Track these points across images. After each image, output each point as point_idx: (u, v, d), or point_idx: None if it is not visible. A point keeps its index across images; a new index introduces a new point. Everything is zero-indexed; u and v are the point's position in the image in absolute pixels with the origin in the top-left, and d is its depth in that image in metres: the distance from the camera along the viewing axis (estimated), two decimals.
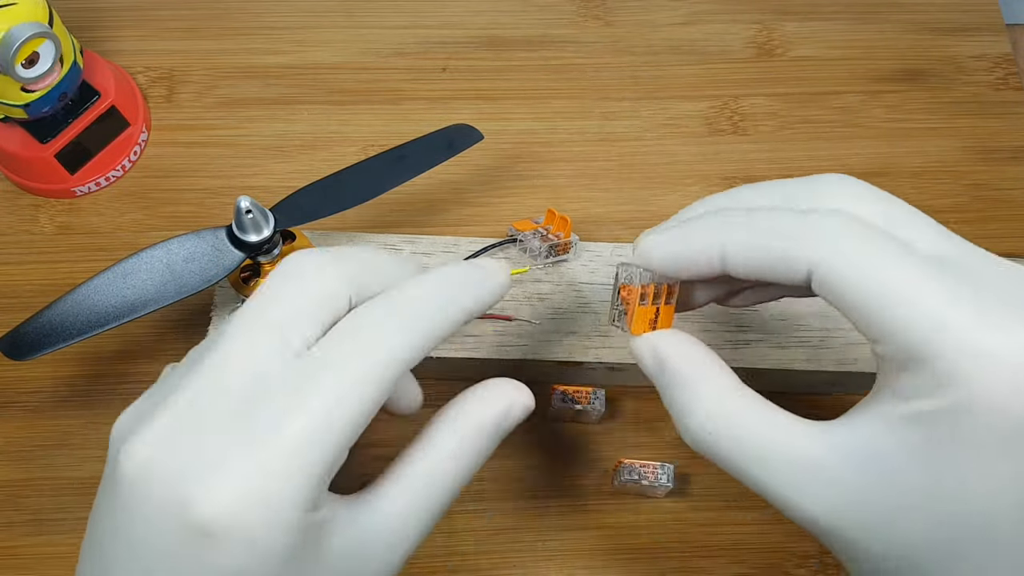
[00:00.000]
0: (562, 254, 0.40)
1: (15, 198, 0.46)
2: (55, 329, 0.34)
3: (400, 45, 0.50)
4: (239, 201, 0.34)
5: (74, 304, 0.34)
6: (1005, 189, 0.48)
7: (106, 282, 0.34)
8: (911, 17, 0.52)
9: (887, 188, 0.46)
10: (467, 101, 0.49)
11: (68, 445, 0.40)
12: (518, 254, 0.41)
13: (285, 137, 0.48)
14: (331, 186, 0.38)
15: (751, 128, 0.49)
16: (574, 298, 0.39)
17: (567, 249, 0.40)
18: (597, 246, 0.41)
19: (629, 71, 0.50)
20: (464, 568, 0.39)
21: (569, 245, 0.40)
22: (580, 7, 0.52)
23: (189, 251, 0.35)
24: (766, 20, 0.52)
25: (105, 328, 0.34)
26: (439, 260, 0.41)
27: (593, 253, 0.41)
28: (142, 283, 0.34)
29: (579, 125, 0.49)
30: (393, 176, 0.39)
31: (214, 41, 0.50)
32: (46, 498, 0.39)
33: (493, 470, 0.40)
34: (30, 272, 0.44)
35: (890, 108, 0.50)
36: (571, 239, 0.40)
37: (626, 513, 0.40)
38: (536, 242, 0.40)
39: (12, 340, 0.34)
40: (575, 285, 0.40)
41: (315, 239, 0.41)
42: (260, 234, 0.35)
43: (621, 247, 0.41)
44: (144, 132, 0.47)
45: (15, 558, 0.38)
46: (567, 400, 0.39)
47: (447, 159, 0.40)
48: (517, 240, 0.41)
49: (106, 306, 0.34)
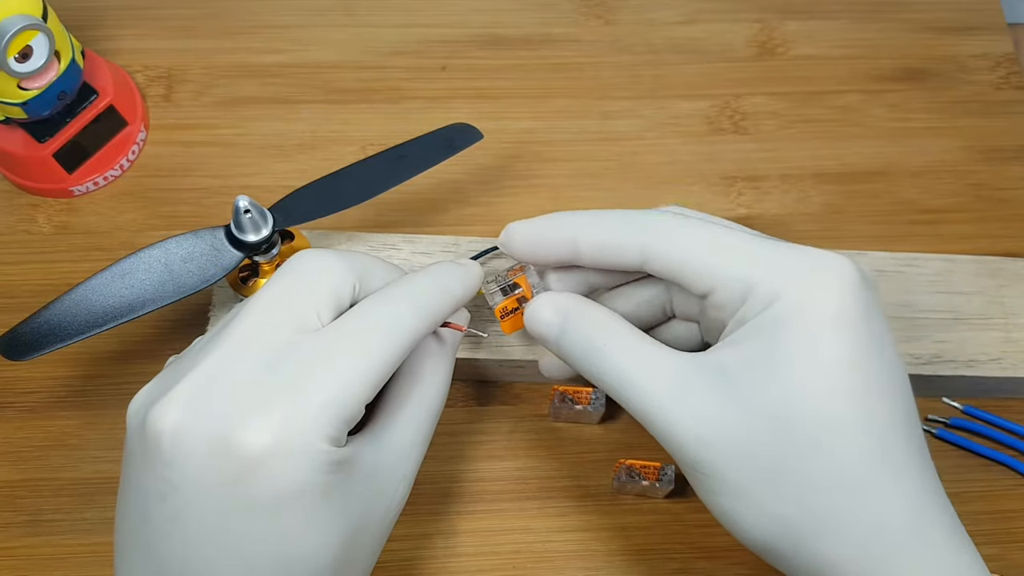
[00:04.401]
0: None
1: (13, 198, 0.46)
2: (53, 329, 0.34)
3: (399, 44, 0.50)
4: (237, 201, 0.34)
5: (72, 304, 0.34)
6: (1007, 189, 0.47)
7: (104, 282, 0.34)
8: (913, 16, 0.52)
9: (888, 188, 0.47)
10: (466, 100, 0.49)
11: (66, 446, 0.40)
12: None
13: (284, 136, 0.47)
14: (330, 185, 0.37)
15: (752, 127, 0.49)
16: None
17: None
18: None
19: (629, 70, 0.50)
20: (464, 569, 0.38)
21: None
22: (580, 6, 0.52)
23: (187, 251, 0.34)
24: (767, 19, 0.52)
25: (103, 328, 0.34)
26: (439, 260, 0.41)
27: None
28: (140, 283, 0.34)
29: (579, 124, 0.48)
30: (392, 176, 0.39)
31: (213, 40, 0.50)
32: (44, 499, 0.39)
33: (493, 471, 0.40)
34: (28, 272, 0.44)
35: (891, 107, 0.49)
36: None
37: (626, 514, 0.39)
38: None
39: (10, 340, 0.34)
40: None
41: (314, 239, 0.41)
42: (259, 234, 0.35)
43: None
44: (142, 131, 0.47)
45: (12, 559, 0.38)
46: (567, 400, 0.38)
47: (447, 158, 0.39)
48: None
49: (104, 306, 0.34)
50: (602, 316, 0.32)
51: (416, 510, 0.39)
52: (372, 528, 0.29)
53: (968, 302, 0.41)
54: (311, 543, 0.27)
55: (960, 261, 0.42)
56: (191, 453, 0.26)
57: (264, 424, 0.26)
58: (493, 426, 0.41)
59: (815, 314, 0.28)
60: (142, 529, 0.27)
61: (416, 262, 0.41)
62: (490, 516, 0.39)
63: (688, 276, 0.30)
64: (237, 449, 0.26)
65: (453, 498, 0.40)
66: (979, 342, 0.40)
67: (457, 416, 0.41)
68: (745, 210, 0.46)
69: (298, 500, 0.26)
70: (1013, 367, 0.40)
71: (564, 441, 0.41)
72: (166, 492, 0.26)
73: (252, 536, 0.26)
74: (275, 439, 0.26)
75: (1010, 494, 0.41)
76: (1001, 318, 0.41)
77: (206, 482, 0.26)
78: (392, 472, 0.30)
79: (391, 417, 0.31)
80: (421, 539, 0.39)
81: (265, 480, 0.26)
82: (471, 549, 0.39)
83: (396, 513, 0.31)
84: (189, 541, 0.26)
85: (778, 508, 0.28)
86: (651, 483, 0.38)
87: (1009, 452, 0.41)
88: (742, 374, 0.28)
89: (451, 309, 0.31)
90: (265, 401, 0.26)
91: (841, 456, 0.27)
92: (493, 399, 0.42)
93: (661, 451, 0.41)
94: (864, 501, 0.27)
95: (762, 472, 0.28)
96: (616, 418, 0.41)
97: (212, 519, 0.26)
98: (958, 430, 0.41)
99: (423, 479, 0.40)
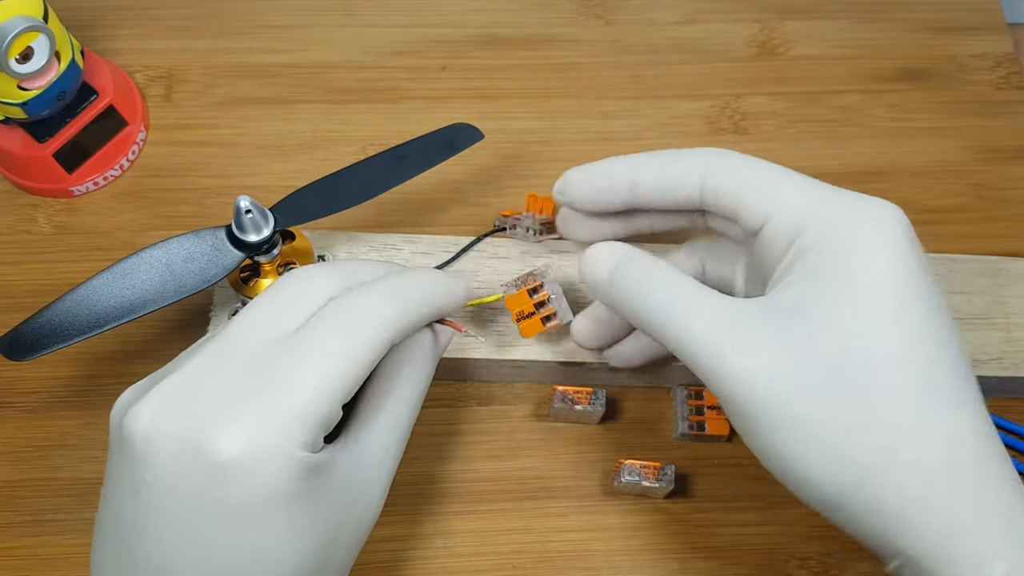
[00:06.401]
0: (553, 232, 0.40)
1: (13, 197, 0.46)
2: (54, 330, 0.34)
3: (399, 44, 0.50)
4: (239, 201, 0.34)
5: (73, 304, 0.34)
6: (1007, 189, 0.47)
7: (105, 282, 0.34)
8: (913, 16, 0.52)
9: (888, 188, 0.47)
10: (466, 100, 0.49)
11: (66, 446, 0.40)
12: (516, 252, 0.41)
13: (284, 136, 0.47)
14: (331, 185, 0.37)
15: (752, 127, 0.49)
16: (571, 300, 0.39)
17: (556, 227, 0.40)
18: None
19: (629, 70, 0.50)
20: (464, 569, 0.39)
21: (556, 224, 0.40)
22: (580, 5, 0.52)
23: (188, 251, 0.34)
24: (767, 19, 0.52)
25: (105, 328, 0.34)
26: (438, 260, 0.41)
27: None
28: (141, 283, 0.34)
29: (579, 124, 0.48)
30: (393, 175, 0.39)
31: (213, 40, 0.50)
32: (44, 499, 0.39)
33: (493, 471, 0.40)
34: (28, 272, 0.44)
35: (892, 107, 0.49)
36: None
37: (626, 514, 0.39)
38: (526, 222, 0.40)
39: (11, 341, 0.34)
40: (576, 287, 0.40)
41: (315, 239, 0.41)
42: (260, 234, 0.35)
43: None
44: (142, 131, 0.47)
45: (13, 559, 0.38)
46: (567, 400, 0.38)
47: (448, 158, 0.39)
48: (507, 227, 0.41)
49: (105, 306, 0.34)
50: (657, 260, 0.31)
51: (416, 510, 0.39)
52: (346, 536, 0.29)
53: (969, 302, 0.41)
54: (282, 550, 0.27)
55: (961, 261, 0.42)
56: (162, 454, 0.26)
57: (236, 430, 0.26)
58: (493, 426, 0.41)
59: (874, 255, 0.28)
60: (116, 524, 0.27)
61: (416, 262, 0.41)
62: (490, 516, 0.39)
63: (745, 204, 0.30)
64: (208, 454, 0.26)
65: (453, 498, 0.40)
66: (980, 342, 0.40)
67: (457, 416, 0.41)
68: None
69: (270, 506, 0.26)
70: (1014, 367, 0.40)
71: (564, 441, 0.41)
72: (139, 489, 0.27)
73: (221, 540, 0.26)
74: (246, 445, 0.26)
75: None
76: (1002, 318, 0.41)
77: (177, 484, 0.26)
78: (367, 479, 0.30)
79: (367, 423, 0.30)
80: (421, 539, 0.39)
81: (236, 485, 0.26)
82: (471, 549, 0.39)
83: (371, 521, 0.30)
84: (158, 539, 0.27)
85: (845, 449, 0.27)
86: (651, 483, 0.38)
87: (1009, 452, 0.41)
88: (804, 312, 0.28)
89: (433, 310, 0.31)
90: (238, 405, 0.26)
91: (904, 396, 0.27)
92: (493, 399, 0.42)
93: (661, 451, 0.41)
94: (926, 439, 0.27)
95: (830, 412, 0.27)
96: (616, 418, 0.41)
97: (182, 520, 0.26)
98: None
99: (423, 479, 0.40)
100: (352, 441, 0.30)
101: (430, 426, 0.40)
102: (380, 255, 0.41)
